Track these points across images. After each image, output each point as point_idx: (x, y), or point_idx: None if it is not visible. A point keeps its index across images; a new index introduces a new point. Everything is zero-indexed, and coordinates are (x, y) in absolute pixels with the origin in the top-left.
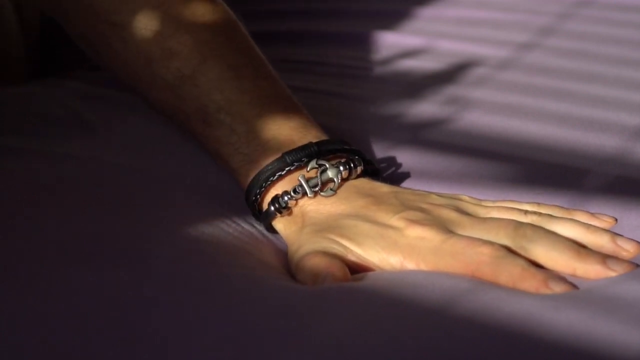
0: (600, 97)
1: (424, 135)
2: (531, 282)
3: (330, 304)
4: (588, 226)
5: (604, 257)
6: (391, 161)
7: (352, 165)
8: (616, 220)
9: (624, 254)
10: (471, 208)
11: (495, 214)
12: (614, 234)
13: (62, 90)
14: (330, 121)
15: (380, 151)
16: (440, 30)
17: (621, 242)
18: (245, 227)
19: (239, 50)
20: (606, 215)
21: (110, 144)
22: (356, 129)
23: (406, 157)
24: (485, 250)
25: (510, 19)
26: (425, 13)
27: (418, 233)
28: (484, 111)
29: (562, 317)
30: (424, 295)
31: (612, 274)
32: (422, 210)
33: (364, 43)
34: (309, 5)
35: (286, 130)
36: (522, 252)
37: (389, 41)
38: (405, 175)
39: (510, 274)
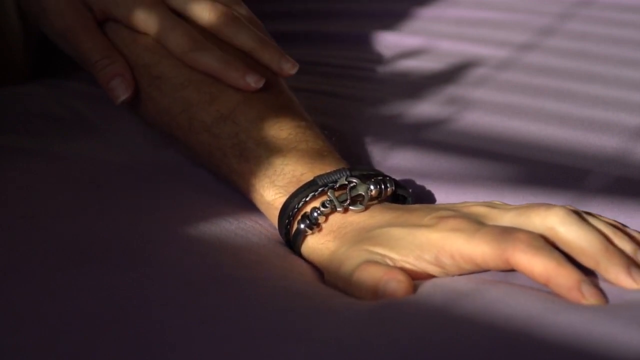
0: (600, 97)
1: (424, 136)
2: (566, 280)
3: (331, 305)
4: (616, 230)
5: (630, 265)
6: (391, 162)
7: (382, 185)
8: None
9: None
10: (502, 206)
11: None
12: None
13: (62, 90)
14: (330, 121)
15: (380, 151)
16: (440, 30)
17: None
18: (248, 224)
19: (279, 92)
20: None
21: (110, 143)
22: (356, 129)
23: (406, 158)
24: (522, 236)
25: (510, 19)
26: (425, 13)
27: (451, 226)
28: (484, 111)
29: (562, 319)
30: (425, 297)
31: (631, 284)
32: (453, 209)
33: (364, 43)
34: (309, 5)
35: (321, 165)
36: (552, 234)
37: (389, 41)
38: (406, 176)
39: (546, 266)
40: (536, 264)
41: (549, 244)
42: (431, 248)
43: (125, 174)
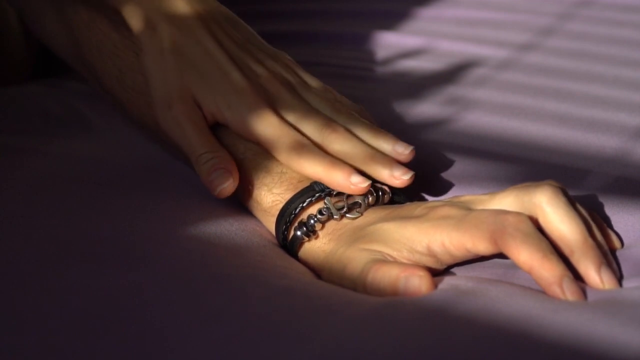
0: (600, 98)
1: (424, 136)
2: (548, 274)
3: (331, 305)
4: (595, 226)
5: (601, 265)
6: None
7: (379, 193)
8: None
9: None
10: (492, 193)
11: None
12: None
13: (63, 90)
14: None
15: None
16: (440, 30)
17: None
18: (249, 225)
19: None
20: (616, 237)
21: (110, 143)
22: None
23: None
24: (512, 219)
25: (510, 19)
26: (425, 13)
27: (440, 214)
28: (484, 111)
29: (561, 319)
30: (425, 297)
31: (597, 284)
32: (444, 201)
33: (363, 43)
34: (309, 5)
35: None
36: (537, 212)
37: (389, 41)
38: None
39: (531, 256)
40: (522, 252)
41: (537, 228)
42: (422, 238)
43: (125, 173)
